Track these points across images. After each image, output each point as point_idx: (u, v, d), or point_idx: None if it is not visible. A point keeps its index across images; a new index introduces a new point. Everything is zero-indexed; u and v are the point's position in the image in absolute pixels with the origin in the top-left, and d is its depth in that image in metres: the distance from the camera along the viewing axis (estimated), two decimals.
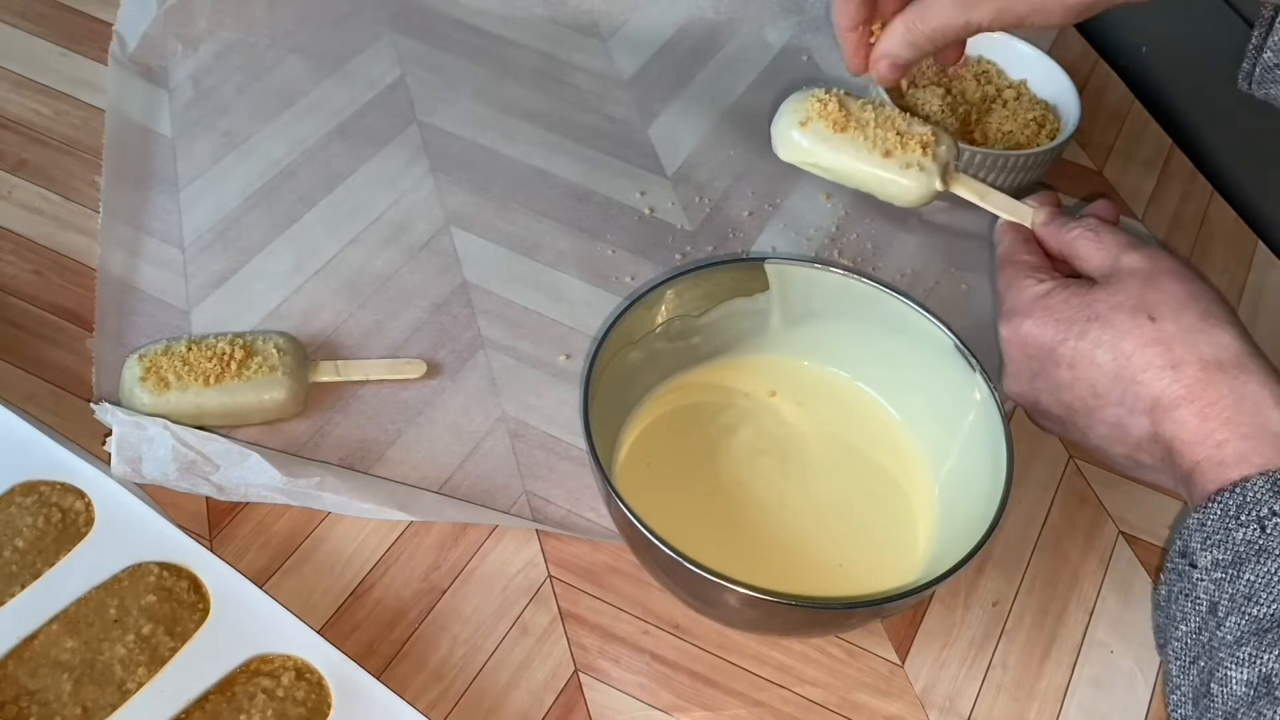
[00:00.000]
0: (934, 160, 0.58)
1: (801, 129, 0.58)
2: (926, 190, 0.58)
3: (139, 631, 0.51)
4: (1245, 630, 0.43)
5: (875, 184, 0.58)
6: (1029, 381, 0.54)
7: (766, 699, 0.55)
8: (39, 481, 0.56)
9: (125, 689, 0.49)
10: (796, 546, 0.57)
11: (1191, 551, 0.45)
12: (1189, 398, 0.47)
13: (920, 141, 0.58)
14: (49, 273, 0.68)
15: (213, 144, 0.76)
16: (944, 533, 0.57)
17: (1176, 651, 0.46)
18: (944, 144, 0.59)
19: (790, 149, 0.59)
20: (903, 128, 0.58)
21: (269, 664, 0.51)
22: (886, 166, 0.57)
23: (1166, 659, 0.47)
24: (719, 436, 0.61)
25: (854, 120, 0.58)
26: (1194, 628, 0.45)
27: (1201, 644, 0.44)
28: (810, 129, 0.58)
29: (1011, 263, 0.56)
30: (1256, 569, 0.43)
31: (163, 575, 0.53)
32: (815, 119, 0.58)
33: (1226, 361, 0.47)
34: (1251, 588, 0.43)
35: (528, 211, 0.74)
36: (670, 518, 0.51)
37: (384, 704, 0.50)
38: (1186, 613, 0.45)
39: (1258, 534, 0.43)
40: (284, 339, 0.63)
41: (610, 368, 0.57)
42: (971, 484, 0.56)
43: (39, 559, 0.53)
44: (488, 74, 0.83)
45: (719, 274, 0.61)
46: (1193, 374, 0.47)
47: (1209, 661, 0.44)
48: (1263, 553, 0.43)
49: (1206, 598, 0.44)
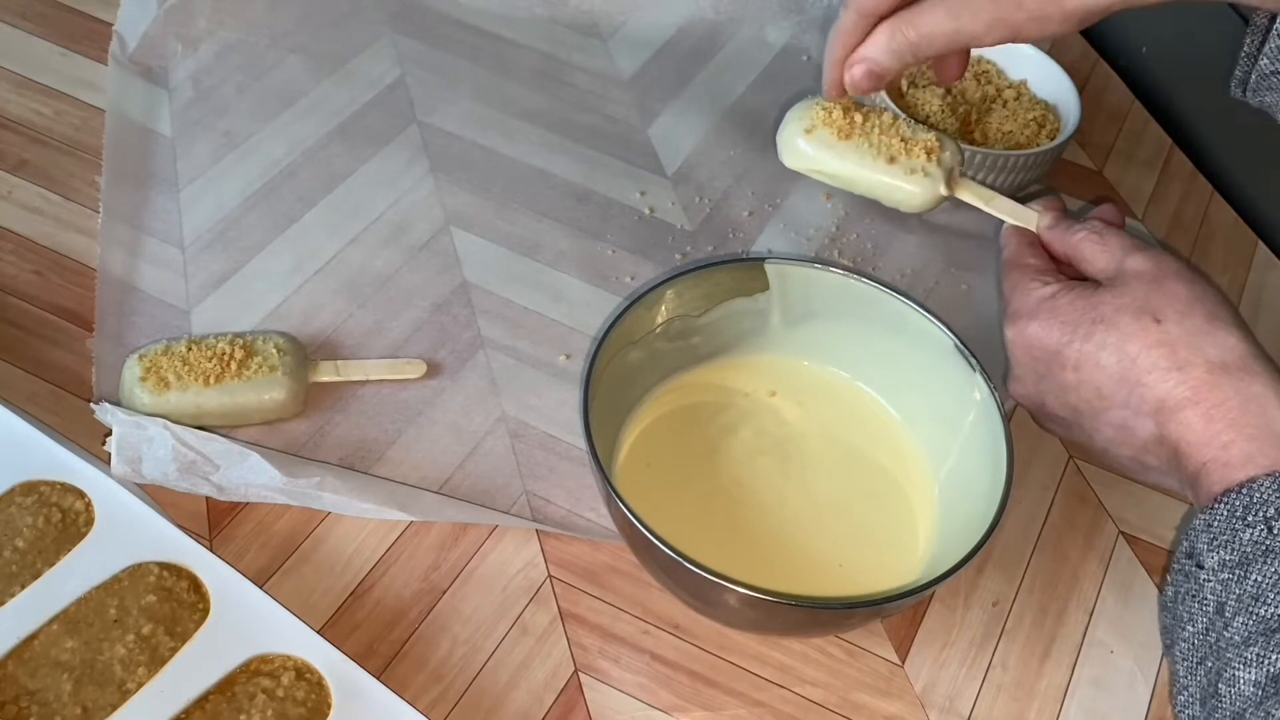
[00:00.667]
0: (939, 165, 0.58)
1: (807, 136, 0.59)
2: (931, 195, 0.58)
3: (139, 631, 0.51)
4: (1253, 630, 0.43)
5: (881, 190, 0.58)
6: (1034, 384, 0.54)
7: (766, 699, 0.55)
8: (39, 481, 0.56)
9: (125, 689, 0.49)
10: (796, 547, 0.57)
11: (1198, 552, 0.45)
12: (1195, 399, 0.47)
13: (925, 147, 0.58)
14: (49, 273, 0.68)
15: (213, 144, 0.76)
16: (944, 533, 0.57)
17: (1184, 652, 0.46)
18: (948, 149, 0.59)
19: (796, 157, 0.59)
20: (907, 134, 0.59)
21: (269, 664, 0.51)
22: (891, 173, 0.58)
23: (1173, 659, 0.47)
24: (719, 436, 0.61)
25: (858, 127, 0.58)
26: (1201, 628, 0.45)
27: (1209, 644, 0.44)
28: (815, 136, 0.58)
29: (1016, 266, 0.56)
30: (1264, 569, 0.43)
31: (163, 575, 0.53)
32: (820, 126, 0.59)
33: (1232, 363, 0.47)
34: (1259, 588, 0.43)
35: (528, 211, 0.74)
36: (670, 518, 0.51)
37: (384, 704, 0.50)
38: (1194, 613, 0.45)
39: (1265, 534, 0.43)
40: (284, 339, 0.63)
41: (610, 368, 0.57)
42: (971, 484, 0.56)
43: (39, 559, 0.53)
44: (488, 74, 0.83)
45: (719, 274, 0.61)
46: (1198, 376, 0.47)
47: (1216, 662, 0.44)
48: (1270, 553, 0.43)
49: (1214, 598, 0.44)
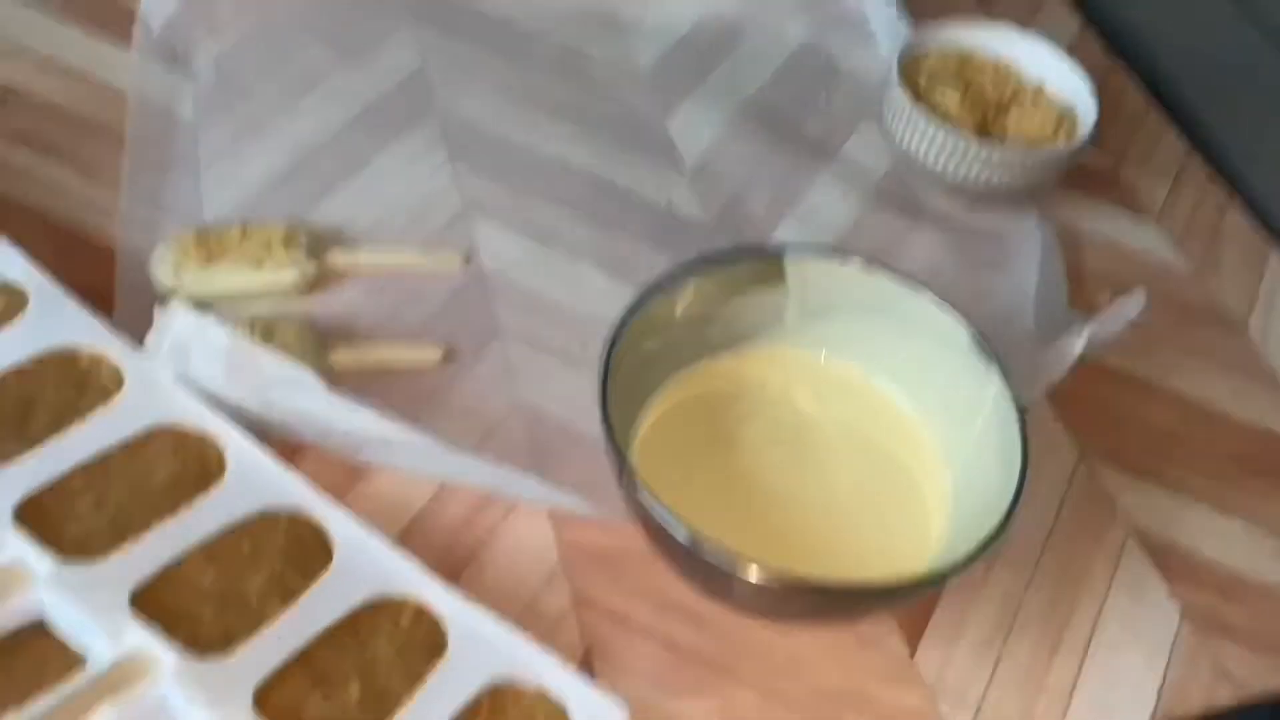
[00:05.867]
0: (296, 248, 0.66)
1: (178, 275, 0.64)
2: (305, 273, 0.66)
3: (272, 568, 0.54)
4: None
5: (263, 289, 0.66)
6: None
7: (778, 688, 0.56)
8: (175, 426, 0.58)
9: (262, 617, 0.52)
10: (810, 537, 0.58)
11: None
12: None
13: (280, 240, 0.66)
14: (71, 252, 0.68)
15: (234, 128, 0.76)
16: (957, 526, 0.57)
17: None
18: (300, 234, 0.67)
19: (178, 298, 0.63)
20: (259, 237, 0.66)
21: (390, 604, 0.54)
22: (264, 273, 0.65)
23: None
24: (734, 426, 0.61)
25: (215, 249, 0.65)
26: None
27: None
28: (186, 271, 0.64)
29: None
30: None
31: (292, 522, 0.56)
32: (184, 261, 0.65)
33: None
34: None
35: (546, 201, 0.75)
36: (684, 505, 0.52)
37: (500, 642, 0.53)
38: None
39: None
40: (302, 322, 0.63)
41: (628, 354, 0.57)
42: (986, 479, 0.56)
43: (178, 496, 0.55)
44: (508, 64, 0.83)
45: (739, 264, 0.61)
46: None
47: None
48: None
49: None
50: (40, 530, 0.53)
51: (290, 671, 0.51)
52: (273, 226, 0.67)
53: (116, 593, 0.51)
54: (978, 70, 0.81)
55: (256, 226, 0.67)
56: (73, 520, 0.54)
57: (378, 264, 0.69)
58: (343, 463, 0.61)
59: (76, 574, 0.51)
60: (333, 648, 0.52)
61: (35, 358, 0.59)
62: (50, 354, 0.59)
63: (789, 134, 0.82)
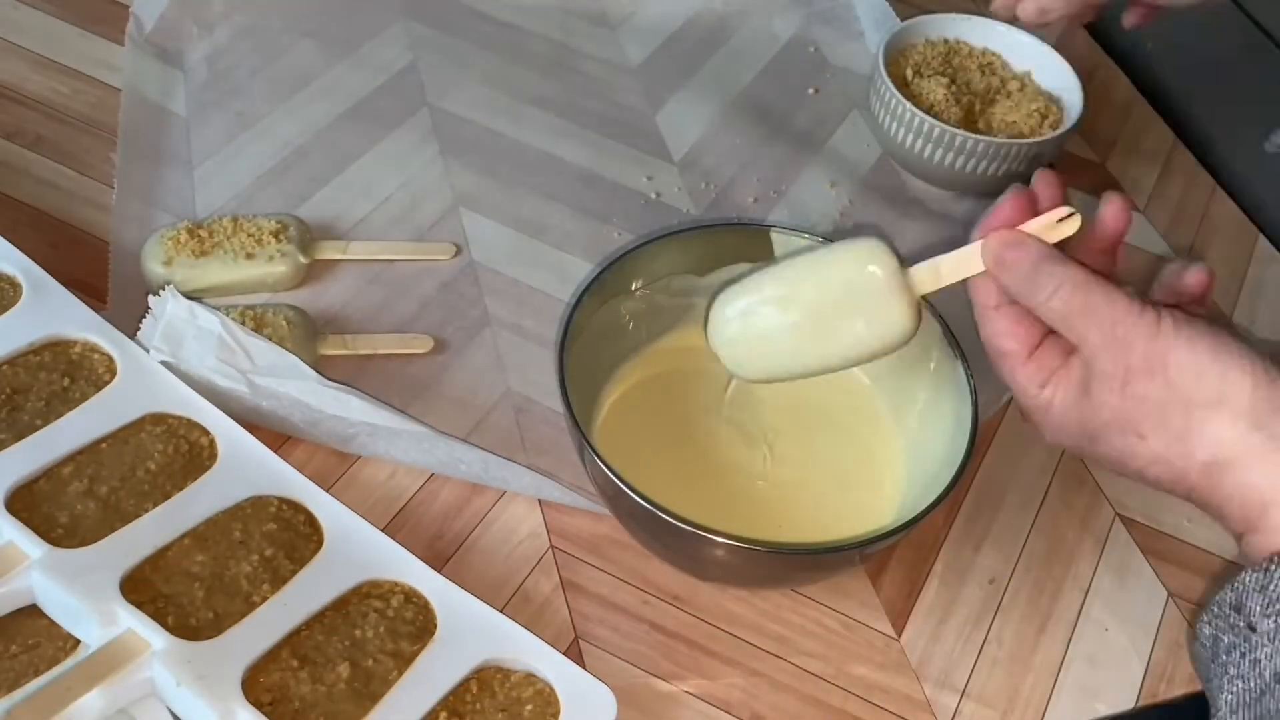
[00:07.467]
0: (289, 241, 0.67)
1: (169, 268, 0.64)
2: (296, 266, 0.67)
3: (262, 553, 0.54)
4: None
5: (255, 283, 0.66)
6: None
7: (764, 669, 0.56)
8: (167, 414, 0.58)
9: (251, 600, 0.53)
10: (773, 507, 0.59)
11: (1249, 611, 0.45)
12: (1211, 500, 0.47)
13: (271, 233, 0.67)
14: (64, 246, 0.69)
15: (226, 124, 0.77)
16: (912, 487, 0.59)
17: (1231, 704, 0.45)
18: (291, 225, 0.67)
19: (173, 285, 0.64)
20: (251, 229, 0.66)
21: (379, 588, 0.54)
22: (255, 265, 0.66)
23: (1213, 694, 0.46)
24: (694, 401, 0.62)
25: (208, 241, 0.66)
26: (1254, 688, 0.44)
27: (1265, 709, 0.44)
28: (177, 264, 0.65)
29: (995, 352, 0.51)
30: None
31: (281, 507, 0.56)
32: (176, 254, 0.65)
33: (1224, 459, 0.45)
34: None
35: (536, 194, 0.75)
36: (647, 477, 0.53)
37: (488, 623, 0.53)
38: (1244, 672, 0.45)
39: None
40: (294, 312, 0.64)
41: (585, 328, 0.58)
42: (936, 439, 0.58)
43: (168, 482, 0.56)
44: (498, 60, 0.84)
45: (723, 235, 0.62)
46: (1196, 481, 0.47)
47: None
48: None
49: (1270, 665, 0.44)
50: (33, 516, 0.53)
51: (279, 653, 0.51)
52: (264, 219, 0.68)
53: (108, 577, 0.52)
54: (965, 61, 0.81)
55: (248, 219, 0.68)
56: (65, 506, 0.54)
57: (368, 256, 0.70)
58: (333, 452, 0.62)
59: (68, 559, 0.52)
60: (322, 630, 0.52)
61: (28, 347, 0.60)
62: (43, 344, 0.60)
63: (778, 126, 0.82)
